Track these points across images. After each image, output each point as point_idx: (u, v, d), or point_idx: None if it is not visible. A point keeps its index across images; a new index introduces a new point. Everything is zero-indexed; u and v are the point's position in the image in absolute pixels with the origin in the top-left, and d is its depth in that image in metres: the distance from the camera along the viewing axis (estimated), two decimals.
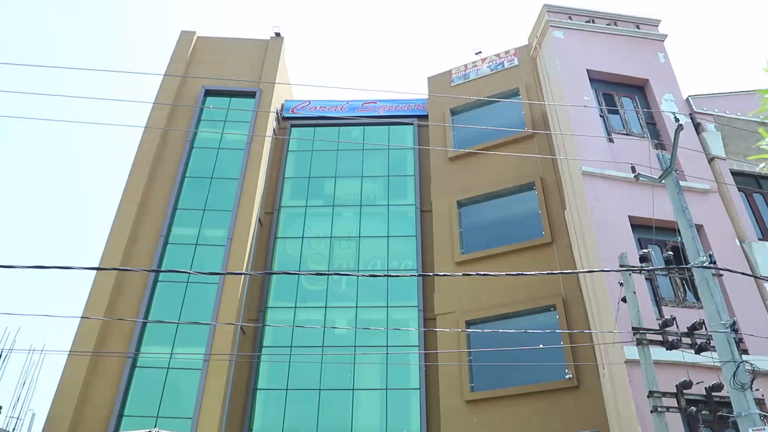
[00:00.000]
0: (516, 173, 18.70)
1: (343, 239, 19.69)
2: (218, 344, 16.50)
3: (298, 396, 16.85)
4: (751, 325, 12.13)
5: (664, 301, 13.12)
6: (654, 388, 9.70)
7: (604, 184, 14.56)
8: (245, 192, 19.50)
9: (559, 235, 16.91)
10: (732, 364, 8.16)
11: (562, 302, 15.65)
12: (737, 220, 14.80)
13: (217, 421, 15.41)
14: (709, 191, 15.07)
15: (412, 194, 20.65)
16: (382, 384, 16.89)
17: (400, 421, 16.29)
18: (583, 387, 14.39)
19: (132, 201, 19.06)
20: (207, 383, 15.94)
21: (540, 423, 14.31)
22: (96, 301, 16.93)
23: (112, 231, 18.38)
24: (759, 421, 7.77)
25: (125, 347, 16.66)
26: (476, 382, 15.37)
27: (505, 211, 18.46)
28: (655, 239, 13.53)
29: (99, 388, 16.04)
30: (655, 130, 16.68)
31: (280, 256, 19.61)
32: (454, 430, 14.75)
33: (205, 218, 19.28)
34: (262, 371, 17.51)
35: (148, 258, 18.11)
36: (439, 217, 18.81)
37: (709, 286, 8.72)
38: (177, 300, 17.59)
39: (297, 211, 20.63)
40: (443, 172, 19.85)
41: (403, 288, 18.46)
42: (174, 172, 20.16)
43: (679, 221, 9.65)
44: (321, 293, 18.55)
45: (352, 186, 21.04)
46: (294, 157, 22.19)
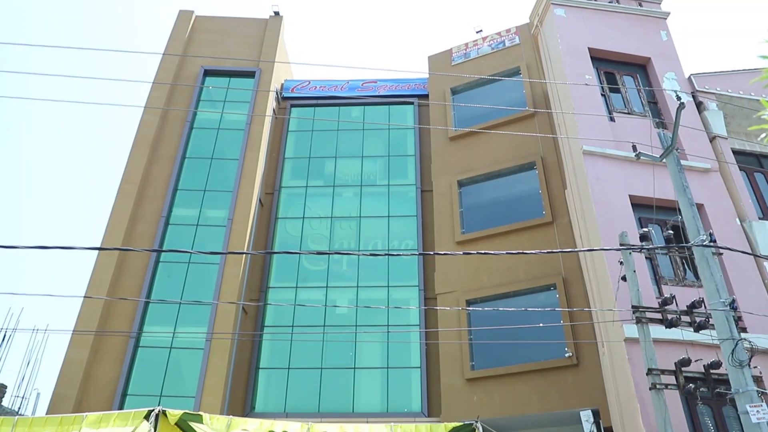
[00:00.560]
0: (516, 153, 18.66)
1: (344, 219, 19.72)
2: (220, 324, 16.61)
3: (299, 375, 17.00)
4: (751, 304, 12.19)
5: (664, 280, 13.17)
6: (653, 366, 9.78)
7: (604, 163, 14.54)
8: (245, 172, 19.49)
9: (560, 214, 16.94)
10: (731, 341, 8.22)
11: (562, 281, 15.72)
12: (738, 199, 14.79)
13: (219, 399, 15.57)
14: (710, 170, 15.05)
15: (413, 174, 20.63)
16: (383, 363, 17.02)
17: (401, 400, 16.46)
18: (582, 365, 14.51)
19: (132, 182, 19.06)
20: (209, 362, 16.08)
21: (539, 401, 14.46)
22: (98, 281, 17.01)
23: (113, 212, 18.41)
24: (756, 397, 7.84)
25: (128, 328, 16.78)
26: (476, 361, 15.50)
27: (505, 191, 18.46)
28: (655, 218, 13.54)
29: (102, 367, 16.18)
30: (657, 109, 16.60)
31: (280, 237, 19.65)
32: (455, 407, 14.90)
33: (206, 199, 19.29)
34: (264, 350, 17.65)
35: (149, 239, 18.16)
36: (440, 197, 18.81)
37: (709, 265, 8.75)
38: (178, 280, 17.68)
39: (297, 191, 20.63)
40: (444, 152, 19.80)
41: (404, 268, 18.53)
42: (174, 153, 20.14)
43: (680, 200, 9.65)
44: (322, 273, 18.62)
45: (353, 166, 21.01)
46: (294, 137, 22.13)
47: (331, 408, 16.25)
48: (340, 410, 16.13)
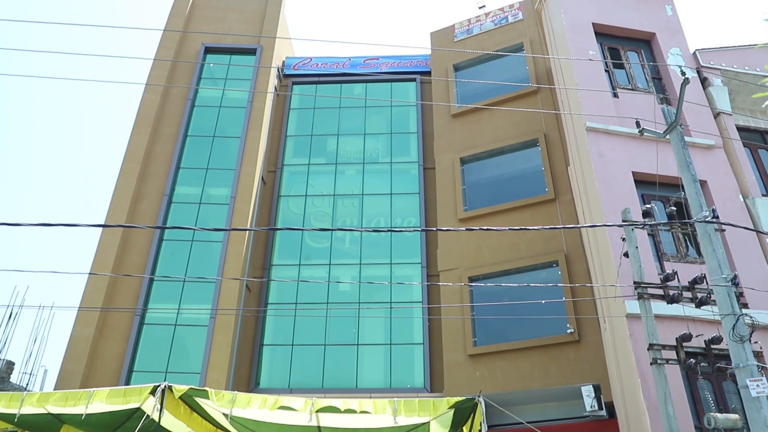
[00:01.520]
0: (519, 130, 18.59)
1: (346, 197, 19.73)
2: (224, 301, 16.74)
3: (303, 351, 17.16)
4: (752, 280, 12.23)
5: (666, 257, 13.19)
6: (654, 341, 9.84)
7: (608, 139, 14.47)
8: (247, 150, 19.47)
9: (563, 191, 16.93)
10: (732, 317, 8.26)
11: (565, 258, 15.77)
12: (741, 175, 14.75)
13: (224, 375, 15.75)
14: (714, 147, 14.98)
15: (415, 151, 20.59)
16: (386, 339, 17.17)
17: (404, 375, 16.63)
18: (584, 341, 14.62)
19: (135, 160, 19.07)
20: (214, 339, 16.23)
21: (541, 376, 14.60)
22: (102, 259, 17.12)
23: (116, 190, 18.45)
24: (756, 372, 7.90)
25: (132, 306, 16.92)
26: (479, 337, 15.61)
27: (508, 168, 18.42)
28: (658, 195, 13.53)
29: (108, 344, 16.36)
30: (661, 85, 16.48)
31: (283, 214, 19.69)
32: (457, 383, 15.06)
33: (208, 177, 19.31)
34: (267, 327, 17.80)
35: (152, 217, 18.23)
36: (442, 175, 18.79)
37: (711, 241, 8.75)
38: (182, 259, 17.77)
39: (300, 169, 20.63)
40: (446, 129, 19.72)
41: (407, 245, 18.59)
42: (176, 131, 20.11)
43: (683, 176, 9.63)
44: (325, 251, 18.69)
45: (355, 143, 20.97)
46: (296, 115, 22.06)
47: (335, 384, 16.43)
48: (343, 386, 16.31)
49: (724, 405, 11.31)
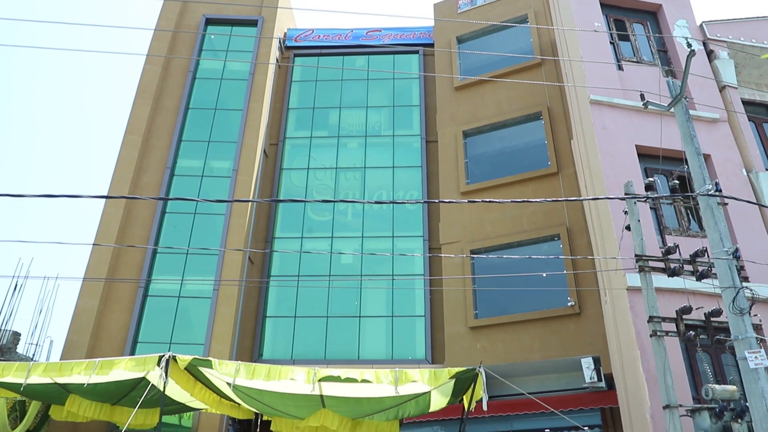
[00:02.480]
0: (523, 103, 18.46)
1: (349, 170, 19.70)
2: (227, 274, 16.84)
3: (306, 323, 17.30)
4: (754, 254, 12.24)
5: (668, 231, 13.20)
6: (654, 314, 9.90)
7: (611, 112, 14.37)
8: (249, 123, 19.40)
9: (565, 165, 16.88)
10: (732, 290, 8.28)
11: (566, 232, 15.79)
12: (745, 149, 14.68)
13: (228, 347, 15.91)
14: (719, 120, 14.87)
15: (418, 124, 20.48)
16: (388, 311, 17.29)
17: (406, 347, 16.78)
18: (584, 314, 14.72)
19: (136, 133, 19.03)
20: (217, 311, 16.38)
21: (541, 348, 14.73)
22: (105, 232, 17.19)
23: (118, 163, 18.45)
24: (755, 344, 7.95)
25: (136, 277, 17.04)
26: (480, 309, 15.72)
27: (511, 141, 18.34)
28: (661, 169, 13.48)
29: (113, 316, 16.51)
30: (666, 58, 16.30)
31: (285, 187, 19.69)
32: (458, 355, 15.20)
33: (210, 150, 19.27)
34: (270, 300, 17.92)
35: (154, 190, 18.26)
36: (445, 148, 18.71)
37: (714, 215, 8.74)
38: (185, 231, 17.83)
39: (302, 142, 20.55)
40: (449, 102, 19.59)
41: (409, 218, 18.61)
42: (177, 104, 20.03)
43: (687, 149, 9.57)
44: (327, 224, 18.73)
45: (357, 116, 20.85)
46: (298, 88, 21.90)
47: (337, 355, 16.60)
48: (345, 357, 16.49)
49: (722, 377, 11.42)
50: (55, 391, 10.79)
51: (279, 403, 10.34)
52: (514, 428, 15.58)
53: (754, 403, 7.50)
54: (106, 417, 11.78)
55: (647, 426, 10.48)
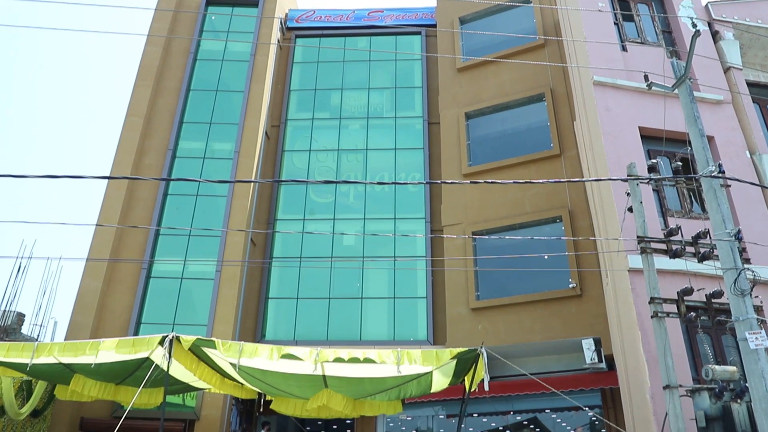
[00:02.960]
0: (526, 84, 18.35)
1: (351, 152, 19.65)
2: (229, 256, 16.90)
3: (308, 305, 17.39)
4: (756, 236, 12.23)
5: (671, 212, 13.19)
6: (655, 295, 9.93)
7: (615, 94, 14.29)
8: (251, 104, 19.34)
9: (568, 146, 16.83)
10: (734, 271, 8.29)
11: (568, 214, 15.79)
12: (749, 131, 14.60)
13: (231, 328, 16.02)
14: (723, 102, 14.78)
15: (420, 106, 20.38)
16: (390, 293, 17.35)
17: (408, 328, 16.87)
18: (585, 296, 14.77)
19: (138, 114, 18.99)
20: (220, 292, 16.46)
21: (542, 330, 14.81)
22: (108, 213, 17.24)
23: (119, 144, 18.43)
24: (756, 325, 7.97)
25: (139, 260, 17.11)
26: (482, 291, 15.78)
27: (513, 123, 18.27)
28: (664, 150, 13.43)
29: (116, 297, 16.60)
30: (671, 39, 16.15)
31: (287, 169, 19.67)
32: (460, 336, 15.29)
33: (212, 132, 19.23)
34: (272, 281, 17.99)
35: (156, 171, 18.27)
36: (447, 130, 18.65)
37: (717, 196, 8.72)
38: (187, 213, 17.85)
39: (303, 123, 20.49)
40: (451, 84, 19.48)
41: (411, 200, 18.60)
42: (178, 85, 19.95)
43: (690, 131, 9.53)
44: (329, 206, 18.73)
45: (359, 98, 20.76)
46: (299, 69, 21.78)
47: (339, 336, 16.70)
48: (347, 338, 16.58)
49: (723, 358, 11.47)
50: (60, 371, 10.87)
51: (282, 383, 10.43)
52: (515, 408, 15.74)
53: (754, 383, 7.55)
54: (111, 396, 11.89)
55: (647, 406, 10.56)
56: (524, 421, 15.85)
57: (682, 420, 9.15)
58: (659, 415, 10.10)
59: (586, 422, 15.18)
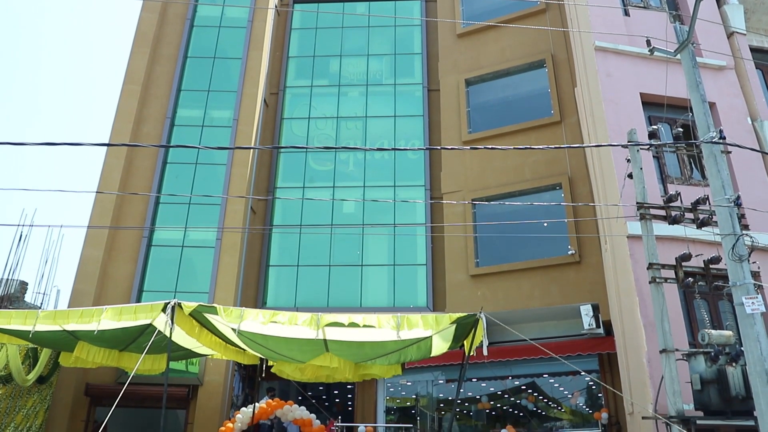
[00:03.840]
0: (526, 50, 18.17)
1: (350, 119, 19.54)
2: (229, 224, 16.96)
3: (308, 272, 17.49)
4: (755, 203, 12.25)
5: (670, 179, 13.18)
6: (654, 261, 9.99)
7: (616, 59, 14.15)
8: (249, 72, 19.17)
9: (568, 113, 16.74)
10: (732, 236, 8.32)
11: (568, 181, 15.79)
12: (751, 97, 14.49)
13: (232, 295, 16.15)
14: (725, 67, 14.64)
15: (419, 73, 20.19)
16: (390, 260, 17.44)
17: (407, 295, 17.01)
18: (584, 262, 14.87)
19: (135, 82, 18.83)
20: (221, 260, 16.56)
21: (541, 296, 14.94)
22: (107, 183, 17.24)
23: (117, 112, 18.33)
24: (753, 290, 8.04)
25: (139, 229, 17.16)
26: (481, 258, 15.88)
27: (514, 90, 18.15)
28: (665, 117, 13.36)
29: (118, 265, 16.70)
30: (674, 3, 15.93)
31: (286, 137, 19.58)
32: (459, 302, 15.44)
33: (210, 99, 19.09)
34: (273, 249, 18.07)
35: (155, 140, 18.21)
36: (447, 96, 18.53)
37: (717, 162, 8.70)
38: (186, 181, 17.84)
39: (302, 91, 20.32)
40: (451, 50, 19.28)
41: (410, 168, 18.56)
42: (175, 53, 19.74)
43: (692, 96, 9.46)
44: (329, 173, 18.70)
45: (358, 65, 20.55)
46: (297, 36, 21.51)
47: (340, 303, 16.84)
48: (348, 305, 16.73)
49: (719, 323, 11.60)
50: (64, 338, 10.98)
51: (283, 348, 10.56)
52: (513, 373, 15.98)
53: (749, 346, 7.65)
54: (114, 363, 12.03)
55: (643, 370, 10.72)
56: (522, 385, 16.10)
57: (677, 383, 9.30)
58: (655, 378, 10.26)
59: (584, 387, 15.42)
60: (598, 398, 14.92)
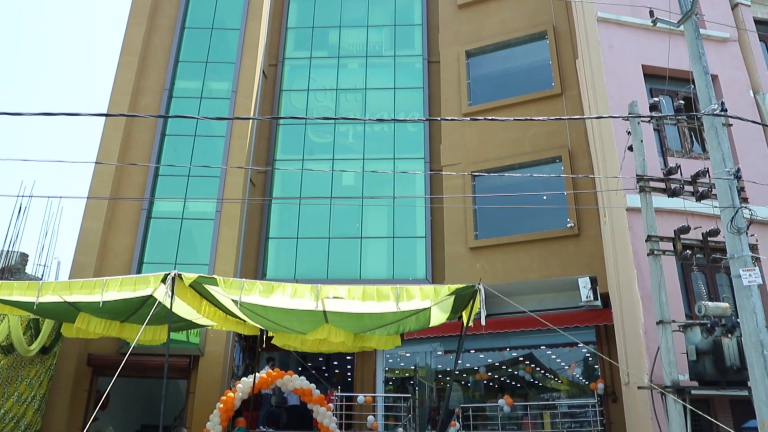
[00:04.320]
0: (528, 21, 17.97)
1: (349, 91, 19.38)
2: (228, 196, 16.95)
3: (308, 244, 17.53)
4: (755, 176, 12.23)
5: (671, 152, 13.15)
6: (652, 233, 10.02)
7: (619, 30, 14.01)
8: (247, 43, 18.96)
9: (569, 86, 16.63)
10: (731, 209, 8.33)
11: (568, 154, 15.75)
12: (754, 70, 14.38)
13: (232, 267, 16.22)
14: (729, 40, 14.50)
15: (420, 44, 19.97)
16: (389, 232, 17.47)
17: (406, 267, 17.07)
18: (583, 235, 14.91)
19: (132, 53, 18.64)
20: (220, 232, 16.59)
21: (540, 268, 15.01)
22: (106, 154, 17.20)
23: (115, 84, 18.18)
24: (750, 262, 8.08)
25: (138, 201, 17.16)
26: (480, 230, 15.91)
27: (515, 62, 17.99)
28: (667, 89, 13.27)
29: (118, 237, 16.73)
30: None
31: (285, 109, 19.45)
32: (458, 274, 15.51)
33: (208, 71, 18.92)
34: (272, 221, 18.09)
35: (153, 111, 18.09)
36: (447, 68, 18.37)
37: (718, 134, 8.67)
38: (185, 153, 17.78)
39: (301, 62, 20.13)
40: (452, 21, 19.05)
41: (410, 140, 18.49)
42: (173, 23, 19.50)
43: (694, 68, 9.38)
44: (328, 146, 18.63)
45: (358, 36, 20.31)
46: (296, 6, 21.22)
47: (339, 275, 16.91)
48: (347, 277, 16.80)
49: (716, 296, 11.69)
50: (65, 309, 11.05)
51: (283, 319, 10.65)
52: (511, 345, 16.15)
53: (745, 318, 7.71)
54: (116, 333, 12.12)
55: (640, 341, 10.83)
56: (520, 357, 16.28)
57: (673, 354, 9.40)
58: (651, 349, 10.37)
59: (580, 358, 15.59)
60: (595, 369, 15.10)
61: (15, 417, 13.57)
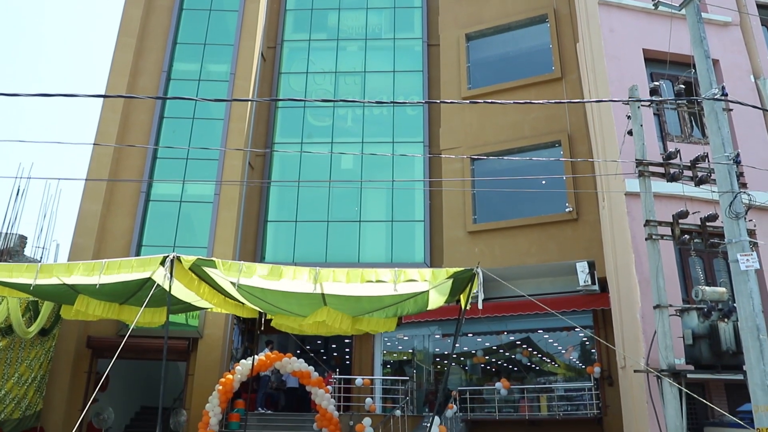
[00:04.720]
0: (529, 5, 17.84)
1: (348, 74, 19.27)
2: (227, 178, 16.92)
3: (307, 227, 17.54)
4: (755, 161, 12.22)
5: (670, 137, 13.11)
6: (651, 218, 10.03)
7: (620, 14, 13.90)
8: (246, 25, 18.81)
9: (570, 70, 16.54)
10: (730, 194, 8.33)
11: (567, 138, 15.72)
12: (755, 55, 14.31)
13: (231, 250, 16.24)
14: (730, 24, 14.41)
15: (419, 27, 19.83)
16: (388, 216, 17.48)
17: (405, 251, 17.11)
18: (582, 220, 14.92)
19: (130, 34, 18.50)
20: (219, 215, 16.58)
21: (538, 252, 15.04)
22: (104, 136, 17.13)
23: (112, 65, 18.06)
24: (748, 247, 8.09)
25: (137, 184, 17.12)
26: (479, 215, 15.93)
27: (515, 45, 17.88)
28: (667, 74, 13.20)
29: (116, 219, 16.73)
30: None
31: (284, 92, 19.36)
32: (456, 258, 15.55)
33: (207, 53, 18.79)
34: (271, 205, 18.08)
35: (151, 93, 17.97)
36: (447, 52, 18.26)
37: (718, 119, 8.64)
38: (184, 136, 17.72)
39: (300, 45, 19.99)
40: (452, 4, 18.90)
41: (409, 124, 18.43)
42: (171, 4, 19.33)
43: (695, 52, 9.32)
44: (327, 129, 18.57)
45: (357, 18, 20.15)
46: None
47: (338, 258, 16.96)
48: (346, 260, 16.84)
49: (713, 281, 11.72)
50: (64, 292, 11.05)
51: (282, 301, 10.66)
52: (509, 329, 16.23)
53: (742, 302, 7.74)
54: (115, 315, 12.13)
55: (637, 325, 10.88)
56: (517, 341, 16.37)
57: (670, 338, 9.45)
58: (648, 334, 10.42)
59: (577, 342, 15.69)
60: (591, 353, 15.19)
61: (16, 398, 13.66)
